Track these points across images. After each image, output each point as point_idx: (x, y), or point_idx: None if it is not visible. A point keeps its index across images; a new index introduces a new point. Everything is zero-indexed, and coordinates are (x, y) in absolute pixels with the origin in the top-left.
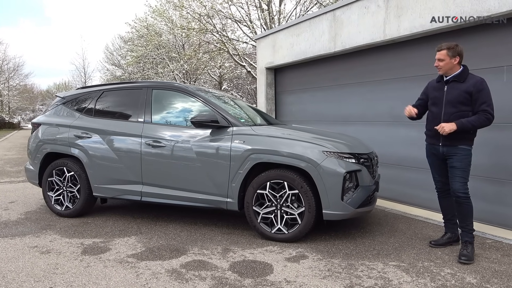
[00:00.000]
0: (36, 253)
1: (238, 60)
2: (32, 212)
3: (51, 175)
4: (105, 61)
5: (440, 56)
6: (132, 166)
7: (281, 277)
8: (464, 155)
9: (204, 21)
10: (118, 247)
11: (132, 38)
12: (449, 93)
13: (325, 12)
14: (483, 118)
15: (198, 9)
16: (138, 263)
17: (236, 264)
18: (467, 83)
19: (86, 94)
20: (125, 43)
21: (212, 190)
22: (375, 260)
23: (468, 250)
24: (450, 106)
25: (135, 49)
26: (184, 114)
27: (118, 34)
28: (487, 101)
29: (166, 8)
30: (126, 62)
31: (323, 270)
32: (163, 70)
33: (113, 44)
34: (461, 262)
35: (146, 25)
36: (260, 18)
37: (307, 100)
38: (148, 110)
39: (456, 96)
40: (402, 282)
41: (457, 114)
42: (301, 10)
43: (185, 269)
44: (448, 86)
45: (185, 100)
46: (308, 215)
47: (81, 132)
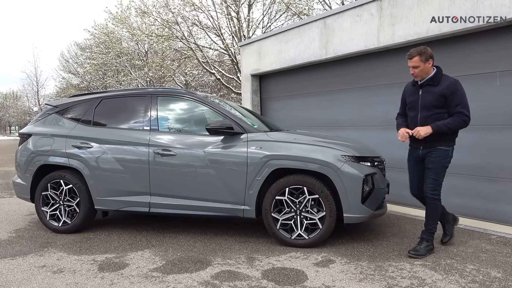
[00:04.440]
0: (48, 273)
1: (207, 67)
2: (22, 229)
3: (46, 189)
4: (60, 69)
5: (414, 63)
6: (139, 176)
7: (319, 283)
8: (440, 156)
9: (171, 28)
10: (136, 262)
11: (91, 45)
12: (423, 97)
13: (315, 20)
14: (459, 120)
15: (165, 16)
16: (166, 277)
17: (267, 273)
18: (441, 86)
19: (81, 102)
20: (83, 50)
21: (228, 198)
22: (400, 261)
23: (421, 246)
24: (426, 110)
25: (95, 56)
26: (193, 121)
27: (74, 40)
28: (462, 103)
29: (127, 15)
30: (85, 70)
31: (356, 273)
32: (126, 78)
33: (69, 51)
34: (409, 255)
35: (107, 32)
36: (229, 26)
37: (296, 106)
38: (155, 117)
39: (430, 100)
40: (435, 280)
41: (433, 117)
42: (269, 19)
43: (218, 281)
44: (422, 90)
45: (192, 107)
46: (329, 219)
47: (79, 142)
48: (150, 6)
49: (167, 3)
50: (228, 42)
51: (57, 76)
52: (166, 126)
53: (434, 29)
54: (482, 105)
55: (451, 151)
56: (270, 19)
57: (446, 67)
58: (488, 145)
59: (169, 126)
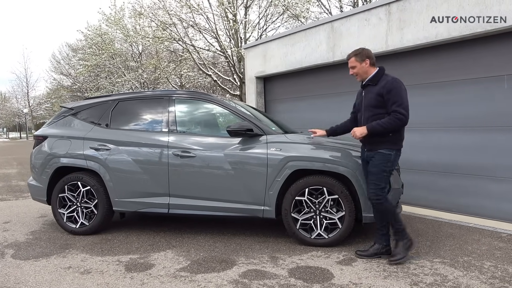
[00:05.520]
0: (76, 274)
1: (204, 69)
2: (38, 231)
3: (63, 191)
4: (52, 70)
5: (351, 64)
6: (158, 178)
7: (346, 280)
8: (380, 160)
9: (169, 30)
10: (161, 262)
11: (83, 46)
12: (366, 98)
13: (321, 24)
14: (393, 119)
15: (162, 17)
16: (194, 277)
17: (294, 271)
18: (379, 85)
19: (98, 104)
20: (74, 51)
21: (248, 199)
22: (419, 259)
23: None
24: (368, 111)
25: (88, 58)
26: (211, 123)
27: (66, 42)
28: (398, 101)
29: (121, 16)
30: (78, 72)
31: (379, 270)
32: (120, 79)
33: (61, 52)
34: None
35: (100, 33)
36: (226, 28)
37: (303, 107)
38: (173, 119)
39: (369, 99)
40: (456, 276)
41: (373, 117)
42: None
43: (247, 279)
44: (365, 91)
45: (210, 109)
46: (348, 219)
47: (97, 144)
48: (147, 7)
49: (164, 5)
50: (224, 44)
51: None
52: (184, 128)
53: (443, 33)
54: (491, 107)
55: (393, 155)
56: (266, 22)
57: (455, 71)
58: (496, 146)
59: (187, 128)
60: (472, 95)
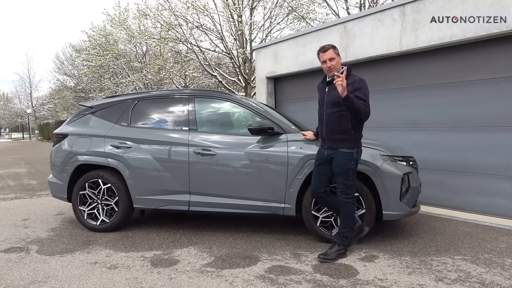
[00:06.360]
0: (103, 269)
1: (209, 70)
2: (58, 228)
3: (83, 188)
4: (55, 71)
5: (329, 55)
6: (178, 176)
7: (372, 276)
8: (343, 159)
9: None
10: (186, 258)
11: (87, 47)
12: (329, 94)
13: (334, 24)
14: (364, 108)
15: (167, 18)
16: (220, 272)
17: (318, 267)
18: (347, 83)
19: (117, 103)
20: (78, 52)
21: (268, 197)
22: (440, 256)
23: (332, 250)
24: (331, 107)
25: (92, 58)
26: (230, 121)
27: (69, 42)
28: (365, 99)
29: (125, 17)
30: (83, 73)
31: (402, 267)
32: (124, 80)
33: (64, 53)
34: (319, 259)
35: (105, 34)
36: (231, 29)
37: (314, 108)
38: (193, 118)
39: (335, 97)
40: (479, 273)
41: (336, 114)
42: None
43: (274, 275)
44: (329, 87)
45: (230, 108)
46: (369, 217)
47: (118, 142)
48: (153, 8)
49: (170, 6)
50: (230, 45)
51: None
52: (204, 126)
53: (458, 34)
54: (504, 107)
55: (355, 153)
56: (271, 23)
57: (468, 71)
58: (509, 145)
59: (207, 126)
60: (485, 95)
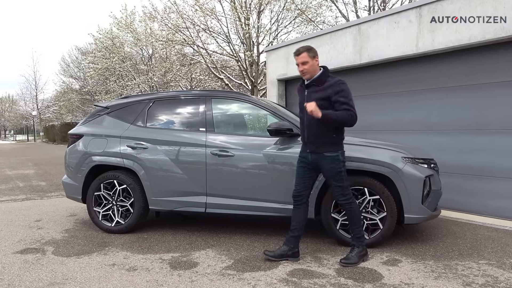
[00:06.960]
0: (122, 271)
1: (216, 73)
2: (72, 230)
3: (99, 189)
4: (61, 73)
5: (302, 59)
6: (195, 177)
7: (397, 280)
8: (330, 163)
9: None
10: (205, 261)
11: (93, 50)
12: (309, 98)
13: (348, 26)
14: (347, 114)
15: (174, 21)
16: (242, 275)
17: (341, 271)
18: (325, 86)
19: (133, 104)
20: (84, 54)
21: (287, 199)
22: (464, 260)
23: (353, 253)
24: None
25: (99, 61)
26: (248, 123)
27: (75, 45)
28: (348, 103)
29: (131, 20)
30: (89, 75)
31: (427, 271)
32: (130, 83)
33: (70, 55)
34: (341, 264)
35: (111, 36)
36: (238, 32)
37: None
38: (210, 119)
39: (315, 101)
40: (508, 277)
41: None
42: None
43: (296, 278)
44: (308, 91)
45: (247, 109)
46: (390, 220)
47: (134, 143)
48: (161, 11)
49: (177, 9)
50: (236, 48)
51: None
52: (221, 127)
53: (477, 36)
54: None
55: (340, 154)
56: (278, 26)
57: (488, 73)
58: None
59: (224, 127)
60: (505, 98)
